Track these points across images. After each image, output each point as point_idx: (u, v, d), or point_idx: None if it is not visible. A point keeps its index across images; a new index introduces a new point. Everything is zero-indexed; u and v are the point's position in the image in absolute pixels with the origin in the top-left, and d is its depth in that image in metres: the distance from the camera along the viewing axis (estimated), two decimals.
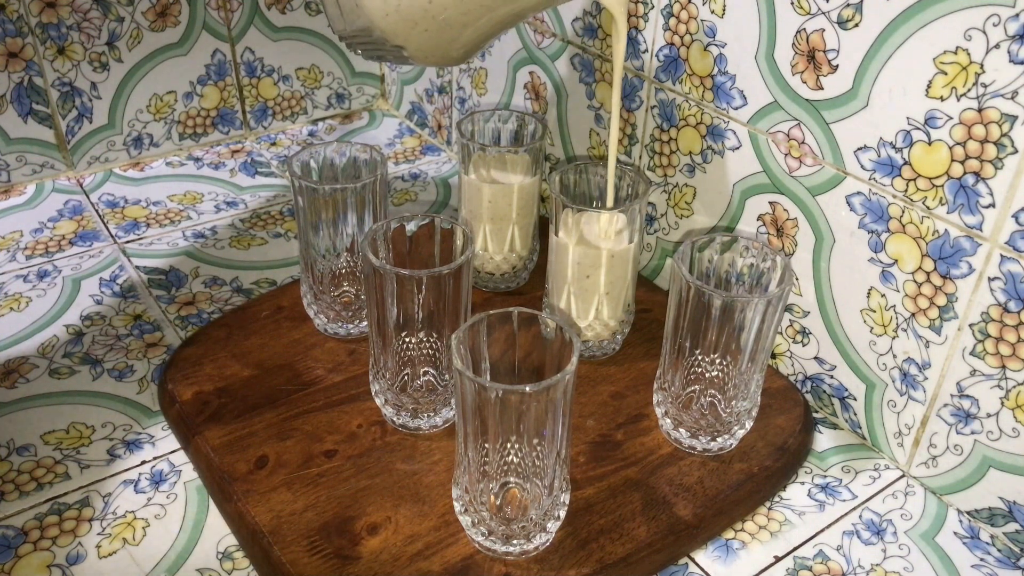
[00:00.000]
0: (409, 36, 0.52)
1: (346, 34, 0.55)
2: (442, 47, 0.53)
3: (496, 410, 0.45)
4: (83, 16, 0.82)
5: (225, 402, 0.60)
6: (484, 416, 0.45)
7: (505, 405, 0.44)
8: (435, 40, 0.52)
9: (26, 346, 0.67)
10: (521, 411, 0.45)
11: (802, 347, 0.64)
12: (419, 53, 0.53)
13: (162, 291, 0.74)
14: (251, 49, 0.93)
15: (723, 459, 0.58)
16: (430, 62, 0.55)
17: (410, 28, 0.51)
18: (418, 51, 0.53)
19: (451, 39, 0.53)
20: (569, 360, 0.45)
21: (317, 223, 0.62)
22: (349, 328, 0.66)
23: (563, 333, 0.47)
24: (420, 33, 0.51)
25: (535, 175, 0.67)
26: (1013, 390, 0.52)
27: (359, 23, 0.52)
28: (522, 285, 0.73)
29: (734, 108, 0.63)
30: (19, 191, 0.86)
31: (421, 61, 0.55)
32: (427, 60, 0.55)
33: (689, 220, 0.70)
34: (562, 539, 0.52)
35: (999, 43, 0.47)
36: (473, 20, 0.51)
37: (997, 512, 0.56)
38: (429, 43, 0.52)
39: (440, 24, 0.51)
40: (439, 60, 0.55)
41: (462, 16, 0.51)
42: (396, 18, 0.51)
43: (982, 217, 0.50)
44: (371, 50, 0.56)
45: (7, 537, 0.53)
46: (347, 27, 0.54)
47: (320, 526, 0.52)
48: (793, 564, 0.54)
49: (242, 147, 0.95)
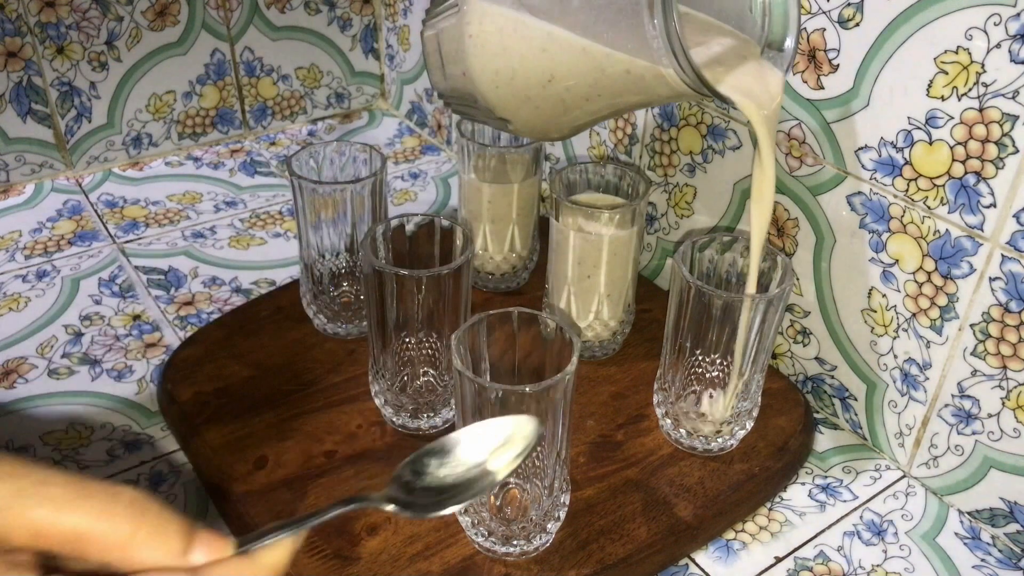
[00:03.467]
0: (519, 111, 0.49)
1: (445, 92, 0.53)
2: (552, 124, 0.50)
3: (496, 410, 0.44)
4: (82, 15, 0.82)
5: (224, 402, 0.60)
6: (484, 416, 0.45)
7: (505, 405, 0.44)
8: (546, 116, 0.49)
9: (25, 346, 0.67)
10: (521, 411, 0.45)
11: (803, 347, 0.64)
12: (525, 127, 0.51)
13: (161, 291, 0.74)
14: (250, 48, 0.93)
15: (723, 459, 0.57)
16: (533, 136, 0.53)
17: (521, 103, 0.48)
18: (524, 126, 0.50)
19: (562, 116, 0.49)
20: (569, 360, 0.45)
21: (317, 223, 0.62)
22: (349, 328, 0.66)
23: (563, 333, 0.47)
24: (531, 109, 0.48)
25: (535, 175, 0.67)
26: (1014, 390, 0.52)
27: (463, 88, 0.50)
28: (522, 285, 0.73)
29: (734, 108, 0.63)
30: (18, 191, 0.85)
31: (524, 134, 0.52)
32: (531, 133, 0.52)
33: (689, 220, 0.70)
34: (562, 540, 0.52)
35: (1000, 42, 0.47)
36: (592, 102, 0.47)
37: (998, 513, 0.56)
38: (538, 119, 0.49)
39: (554, 103, 0.47)
40: (542, 135, 0.52)
41: (580, 99, 0.47)
42: (507, 92, 0.48)
43: (983, 217, 0.50)
44: (467, 112, 0.53)
45: None
46: (447, 86, 0.52)
47: (319, 526, 0.51)
48: (794, 565, 0.54)
49: (241, 147, 0.95)
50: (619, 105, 0.48)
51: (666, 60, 0.41)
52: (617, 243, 0.59)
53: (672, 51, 0.40)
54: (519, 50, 0.46)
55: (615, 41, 0.43)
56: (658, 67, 0.42)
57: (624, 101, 0.47)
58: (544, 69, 0.46)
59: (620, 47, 0.43)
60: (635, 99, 0.47)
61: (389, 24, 0.98)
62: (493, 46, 0.47)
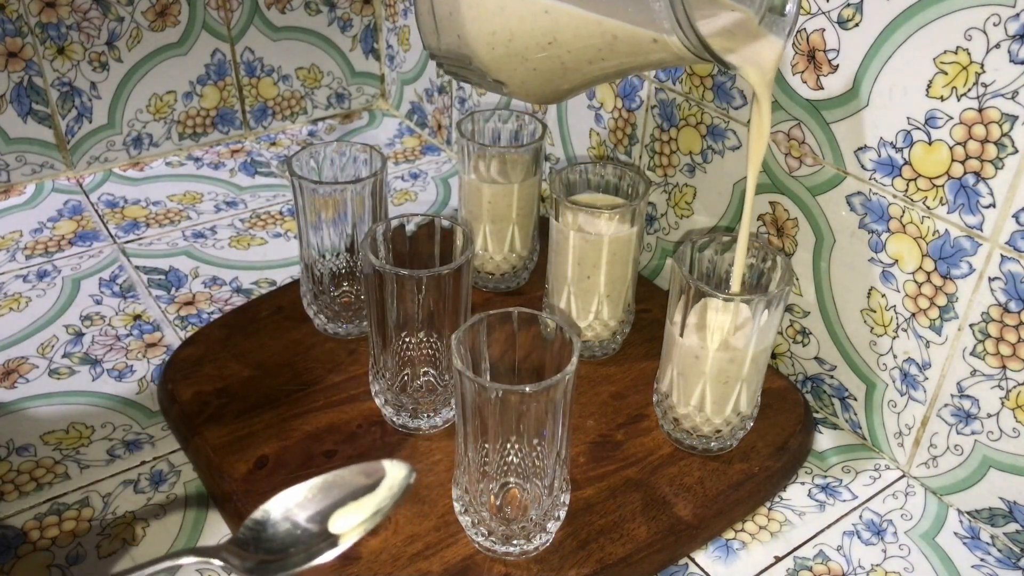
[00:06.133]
0: (514, 72, 0.48)
1: (438, 53, 0.52)
2: (548, 86, 0.49)
3: (496, 410, 0.45)
4: (83, 16, 0.82)
5: (225, 402, 0.60)
6: (484, 416, 0.45)
7: (505, 405, 0.44)
8: (542, 78, 0.48)
9: (26, 346, 0.67)
10: (521, 411, 0.45)
11: (802, 347, 0.64)
12: (521, 89, 0.50)
13: (162, 291, 0.74)
14: (251, 49, 0.93)
15: (723, 459, 0.58)
16: (528, 99, 0.52)
17: (518, 64, 0.47)
18: (520, 87, 0.49)
19: (560, 79, 0.48)
20: (569, 360, 0.45)
21: (317, 223, 0.62)
22: (349, 328, 0.66)
23: (563, 333, 0.47)
24: (528, 71, 0.47)
25: (535, 175, 0.67)
26: (1013, 390, 0.52)
27: (458, 50, 0.49)
28: (522, 285, 0.73)
29: (734, 108, 0.63)
30: (19, 191, 0.86)
31: (519, 96, 0.52)
32: (526, 96, 0.51)
33: (689, 220, 0.70)
34: (562, 539, 0.52)
35: (999, 43, 0.47)
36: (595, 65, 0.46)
37: (997, 512, 0.56)
38: (535, 81, 0.48)
39: (553, 64, 0.47)
40: (538, 98, 0.51)
41: (582, 62, 0.46)
42: (504, 52, 0.47)
43: (982, 217, 0.50)
44: (459, 74, 0.52)
45: (7, 537, 0.53)
46: (440, 47, 0.51)
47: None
48: (793, 564, 0.54)
49: (242, 147, 0.95)
50: (621, 68, 0.47)
51: (668, 24, 0.41)
52: (617, 243, 0.60)
53: (676, 20, 0.40)
54: (518, 10, 0.46)
55: (621, 3, 0.43)
56: (662, 34, 0.42)
57: (627, 63, 0.46)
58: (545, 31, 0.45)
59: (625, 9, 0.43)
60: (638, 62, 0.46)
61: (389, 24, 0.99)
62: (490, 4, 0.46)
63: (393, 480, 0.41)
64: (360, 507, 0.41)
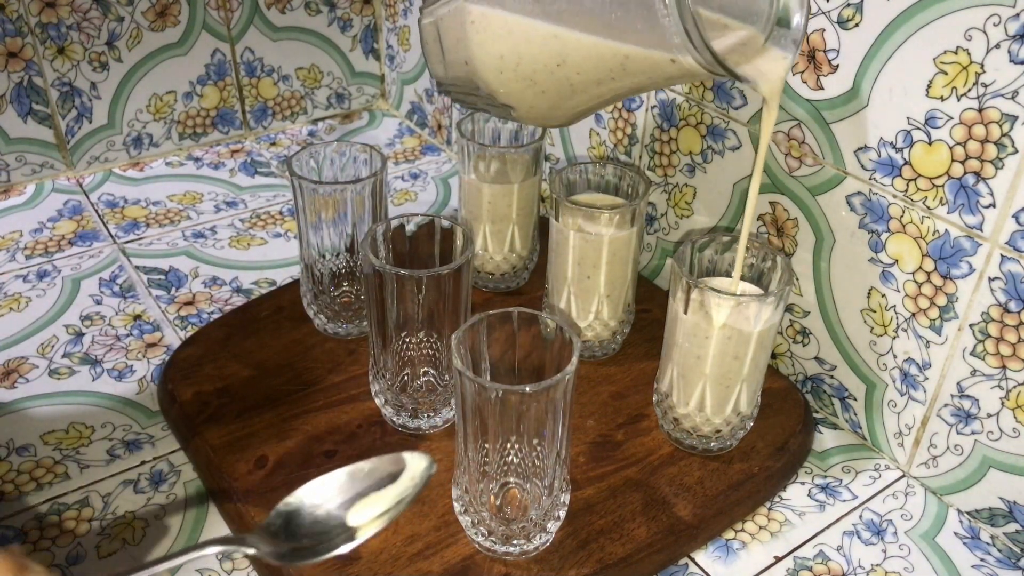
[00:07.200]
0: (523, 96, 0.48)
1: (445, 80, 0.51)
2: (557, 109, 0.49)
3: (496, 410, 0.45)
4: (83, 16, 0.82)
5: (225, 402, 0.60)
6: (484, 416, 0.45)
7: (505, 405, 0.44)
8: (551, 101, 0.48)
9: (26, 346, 0.67)
10: (521, 411, 0.45)
11: (802, 347, 0.64)
12: (529, 113, 0.49)
13: (162, 291, 0.74)
14: (251, 49, 0.93)
15: (723, 459, 0.58)
16: (537, 122, 0.52)
17: (527, 87, 0.47)
18: (529, 111, 0.49)
19: (568, 100, 0.48)
20: (569, 360, 0.45)
21: (317, 223, 0.62)
22: (349, 328, 0.66)
23: (563, 333, 0.47)
24: (536, 94, 0.47)
25: (535, 175, 0.67)
26: (1013, 390, 0.52)
27: (464, 76, 0.49)
28: (522, 285, 0.73)
29: (734, 108, 0.63)
30: (19, 191, 0.86)
31: (528, 121, 0.51)
32: (535, 120, 0.51)
33: (689, 220, 0.70)
34: (562, 539, 0.52)
35: (999, 43, 0.47)
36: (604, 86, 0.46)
37: (997, 512, 0.56)
38: (544, 104, 0.48)
39: (561, 86, 0.46)
40: (547, 121, 0.51)
41: (591, 83, 0.46)
42: (512, 76, 0.47)
43: (982, 217, 0.50)
44: (467, 100, 0.52)
45: (7, 537, 0.53)
46: (448, 75, 0.50)
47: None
48: (793, 564, 0.54)
49: (242, 147, 0.95)
50: (631, 87, 0.47)
51: (679, 40, 0.41)
52: (617, 243, 0.60)
53: (687, 33, 0.40)
54: (525, 33, 0.45)
55: (629, 22, 0.43)
56: (673, 52, 0.42)
57: (636, 82, 0.46)
58: (554, 52, 0.45)
59: (635, 29, 0.42)
60: (648, 80, 0.46)
61: (389, 25, 0.99)
62: (497, 29, 0.46)
63: (414, 471, 0.42)
64: (381, 498, 0.41)
